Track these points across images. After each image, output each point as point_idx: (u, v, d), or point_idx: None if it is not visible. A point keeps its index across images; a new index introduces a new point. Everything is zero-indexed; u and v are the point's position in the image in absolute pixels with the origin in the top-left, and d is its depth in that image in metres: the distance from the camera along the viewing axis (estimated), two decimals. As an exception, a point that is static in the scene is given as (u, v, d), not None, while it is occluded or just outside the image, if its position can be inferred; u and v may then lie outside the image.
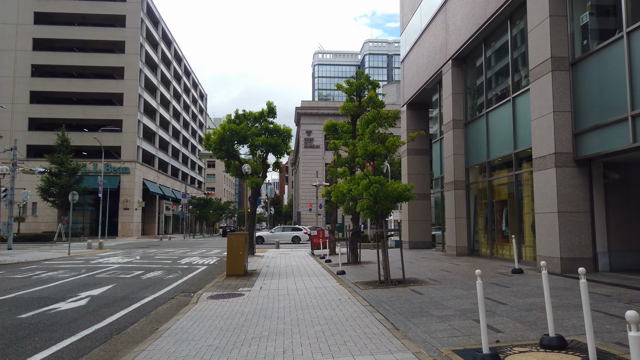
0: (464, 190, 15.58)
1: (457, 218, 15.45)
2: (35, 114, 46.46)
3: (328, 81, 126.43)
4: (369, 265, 14.05)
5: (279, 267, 14.59)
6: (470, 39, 14.47)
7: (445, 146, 16.47)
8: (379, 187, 9.40)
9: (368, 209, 9.80)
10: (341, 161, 14.08)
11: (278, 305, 7.72)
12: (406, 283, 9.50)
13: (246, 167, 18.45)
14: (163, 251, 24.09)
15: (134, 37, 48.05)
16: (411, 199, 9.76)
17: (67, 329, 6.64)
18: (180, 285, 11.24)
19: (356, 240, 15.42)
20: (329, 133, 16.01)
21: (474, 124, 15.27)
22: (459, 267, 12.24)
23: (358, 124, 10.37)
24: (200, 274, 13.77)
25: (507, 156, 13.03)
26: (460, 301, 7.24)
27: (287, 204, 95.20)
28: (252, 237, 20.01)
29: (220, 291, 9.70)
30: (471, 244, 15.46)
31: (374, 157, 10.08)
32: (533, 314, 6.12)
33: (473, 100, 15.86)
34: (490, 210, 14.14)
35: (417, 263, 13.60)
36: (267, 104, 20.73)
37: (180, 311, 7.75)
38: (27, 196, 30.30)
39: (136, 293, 10.02)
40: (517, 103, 12.39)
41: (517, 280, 9.17)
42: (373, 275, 11.49)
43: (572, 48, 10.11)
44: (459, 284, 9.16)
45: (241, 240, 12.41)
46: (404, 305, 7.09)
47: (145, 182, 49.60)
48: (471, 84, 15.90)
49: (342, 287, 9.60)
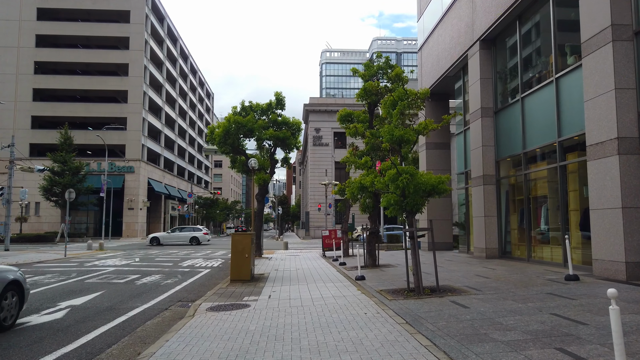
0: (494, 185, 14.03)
1: (486, 216, 13.91)
2: (38, 112, 45.48)
3: (336, 80, 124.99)
4: (389, 269, 12.57)
5: (289, 271, 13.16)
6: (502, 17, 12.93)
7: (472, 137, 14.92)
8: (408, 179, 7.92)
9: (395, 204, 8.32)
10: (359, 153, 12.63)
11: (291, 321, 6.27)
12: (441, 292, 8.00)
13: (253, 162, 17.05)
14: (165, 252, 22.77)
15: (139, 33, 46.93)
16: (446, 192, 8.27)
17: (25, 354, 5.24)
18: (177, 293, 9.84)
19: (374, 241, 13.94)
20: (343, 123, 14.55)
21: (506, 112, 13.71)
22: (496, 272, 10.70)
23: (381, 106, 8.89)
24: (201, 278, 12.37)
25: (549, 145, 11.47)
26: (521, 319, 5.73)
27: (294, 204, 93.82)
28: (259, 237, 18.59)
29: (222, 300, 8.28)
30: (502, 245, 13.90)
31: (401, 143, 8.60)
32: (632, 339, 4.60)
33: (504, 86, 14.30)
34: (526, 207, 12.58)
35: (445, 267, 12.08)
36: (276, 94, 19.33)
37: (172, 328, 6.34)
38: (25, 195, 29.17)
39: (125, 302, 8.64)
40: (561, 84, 10.83)
41: (577, 290, 7.63)
42: (397, 281, 10.01)
43: (636, 14, 8.55)
44: (506, 293, 7.64)
45: (247, 242, 10.99)
46: (452, 324, 5.61)
47: (151, 182, 48.44)
48: (502, 67, 14.34)
49: (365, 296, 8.13)
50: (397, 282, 9.78)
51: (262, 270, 13.40)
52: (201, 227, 34.23)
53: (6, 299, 6.27)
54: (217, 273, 13.59)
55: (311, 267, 14.18)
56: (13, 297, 6.44)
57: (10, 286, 6.38)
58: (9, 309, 6.30)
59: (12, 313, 6.41)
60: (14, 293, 6.46)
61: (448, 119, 8.58)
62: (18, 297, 6.56)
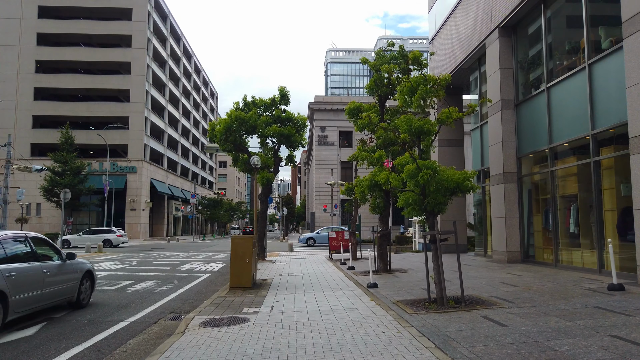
0: (515, 183, 12.97)
1: (507, 217, 12.86)
2: (40, 112, 44.83)
3: (341, 80, 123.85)
4: (403, 275, 11.57)
5: (293, 276, 12.19)
6: (525, 0, 11.89)
7: (490, 132, 13.88)
8: (430, 175, 6.92)
9: (414, 204, 7.32)
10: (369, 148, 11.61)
11: (296, 342, 5.29)
12: (468, 304, 6.99)
13: (255, 159, 16.09)
14: (165, 255, 21.87)
15: (141, 31, 46.19)
16: (473, 190, 7.27)
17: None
18: (171, 302, 8.90)
19: (385, 243, 12.94)
20: (352, 117, 13.55)
21: (529, 104, 12.66)
22: (523, 279, 9.67)
23: (397, 94, 7.89)
24: (199, 284, 11.42)
25: (579, 139, 10.42)
26: (576, 342, 4.71)
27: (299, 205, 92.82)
28: (262, 239, 17.63)
29: (218, 312, 7.31)
30: (525, 248, 12.85)
31: (421, 135, 7.60)
32: None
33: (526, 76, 13.25)
34: (552, 207, 11.52)
35: (464, 272, 11.01)
36: (280, 89, 18.35)
37: (156, 349, 5.38)
38: (22, 195, 28.40)
39: (111, 314, 7.70)
40: (595, 71, 9.78)
41: (629, 303, 6.59)
42: (413, 289, 9.01)
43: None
44: (545, 307, 6.62)
45: (248, 245, 10.03)
46: (492, 350, 4.59)
47: (153, 182, 47.68)
48: (524, 56, 13.30)
49: (380, 308, 7.14)
50: (415, 291, 8.79)
51: (265, 276, 12.44)
52: (116, 229, 32.09)
53: (83, 284, 8.25)
54: (217, 278, 12.65)
55: (318, 272, 13.20)
56: (87, 282, 8.45)
57: (86, 274, 8.42)
58: (85, 291, 8.35)
59: (88, 294, 8.50)
60: (88, 279, 8.49)
61: (474, 107, 7.57)
62: (90, 282, 8.62)
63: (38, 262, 7.06)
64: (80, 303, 8.08)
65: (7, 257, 6.42)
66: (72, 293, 7.87)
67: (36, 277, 6.84)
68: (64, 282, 7.57)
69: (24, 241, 7.07)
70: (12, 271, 6.27)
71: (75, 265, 8.06)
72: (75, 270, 8.00)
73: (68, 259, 7.88)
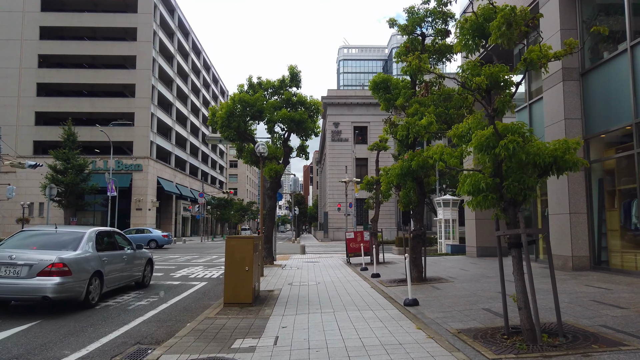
0: (581, 172, 10.42)
1: (571, 213, 10.32)
2: (43, 108, 43.20)
3: (354, 77, 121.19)
4: (445, 286, 9.14)
5: (306, 286, 9.84)
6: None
7: (547, 109, 11.33)
8: (519, 143, 4.50)
9: (487, 189, 4.90)
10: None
11: None
12: (573, 340, 4.56)
13: (261, 147, 13.77)
14: (164, 258, 19.70)
15: (146, 23, 44.32)
16: (577, 168, 4.81)
17: None
18: (142, 326, 6.59)
19: (419, 246, 10.50)
20: (376, 92, 11.13)
21: (601, 71, 10.12)
22: (618, 295, 7.16)
23: (457, 31, 5.44)
24: (189, 297, 9.13)
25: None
26: None
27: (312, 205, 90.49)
28: (270, 241, 15.30)
29: (197, 349, 4.92)
30: (596, 252, 10.29)
31: (492, 89, 5.20)
32: None
33: (596, 39, 10.69)
34: (639, 201, 8.96)
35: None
36: (289, 68, 16.01)
37: None
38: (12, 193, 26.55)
39: (53, 345, 5.45)
40: None
41: None
42: (468, 309, 6.60)
43: None
44: None
45: (247, 249, 7.67)
46: None
47: (160, 181, 45.77)
48: (591, 13, 10.75)
49: (437, 345, 4.74)
50: (473, 313, 6.36)
51: (272, 285, 10.10)
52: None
53: (145, 270, 10.27)
54: (214, 288, 10.36)
55: (336, 280, 10.82)
56: (148, 267, 10.47)
57: (148, 261, 10.46)
58: (147, 274, 10.38)
59: (149, 276, 10.54)
60: (149, 265, 10.49)
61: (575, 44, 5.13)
62: (150, 267, 10.67)
63: (118, 250, 9.17)
64: (144, 283, 10.20)
65: (101, 246, 8.50)
66: (139, 275, 9.98)
67: (119, 261, 9.00)
68: (135, 266, 9.74)
69: (109, 234, 9.22)
70: (105, 257, 8.37)
71: (141, 253, 10.17)
72: (141, 257, 10.13)
73: (137, 249, 10.04)
